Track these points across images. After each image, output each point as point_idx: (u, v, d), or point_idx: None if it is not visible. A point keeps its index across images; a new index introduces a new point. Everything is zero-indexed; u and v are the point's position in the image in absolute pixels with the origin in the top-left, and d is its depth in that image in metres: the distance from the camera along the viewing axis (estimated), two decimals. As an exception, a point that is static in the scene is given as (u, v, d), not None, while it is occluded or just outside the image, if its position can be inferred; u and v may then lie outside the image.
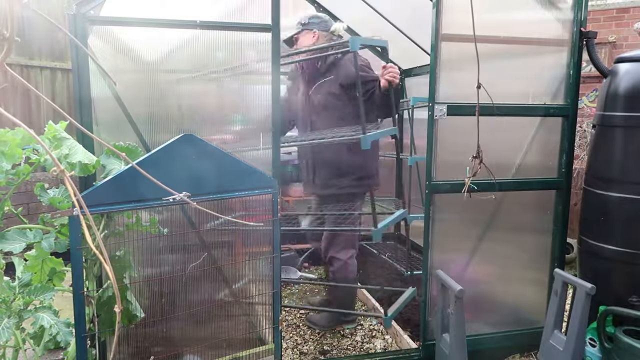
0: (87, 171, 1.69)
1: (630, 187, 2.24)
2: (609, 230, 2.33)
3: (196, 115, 2.17)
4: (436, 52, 2.30)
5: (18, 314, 1.64)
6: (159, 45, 2.08)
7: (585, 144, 4.69)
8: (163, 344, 1.93)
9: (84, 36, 1.87)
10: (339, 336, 2.93)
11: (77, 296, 1.62)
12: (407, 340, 2.69)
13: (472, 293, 2.57)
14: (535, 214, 2.62)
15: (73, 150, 1.64)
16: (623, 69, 2.32)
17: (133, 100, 2.06)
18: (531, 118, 2.50)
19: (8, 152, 1.67)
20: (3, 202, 1.73)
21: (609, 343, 2.21)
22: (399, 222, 4.81)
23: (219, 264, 2.05)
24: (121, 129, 2.05)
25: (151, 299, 1.92)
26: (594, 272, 2.40)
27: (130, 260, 1.78)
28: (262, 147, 2.19)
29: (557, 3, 2.45)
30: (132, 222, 1.78)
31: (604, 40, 5.41)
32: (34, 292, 1.68)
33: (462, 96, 2.34)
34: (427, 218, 2.42)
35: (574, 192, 3.38)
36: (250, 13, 2.11)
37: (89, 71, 1.90)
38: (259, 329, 2.15)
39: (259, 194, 1.99)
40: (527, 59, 2.53)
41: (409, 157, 3.64)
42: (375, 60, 4.55)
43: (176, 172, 1.76)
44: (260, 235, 2.09)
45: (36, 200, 3.50)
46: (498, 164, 2.48)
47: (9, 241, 1.68)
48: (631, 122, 2.24)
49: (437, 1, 2.24)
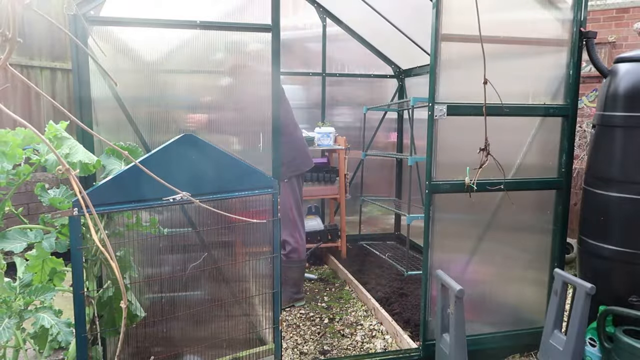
0: (88, 171, 1.69)
1: (630, 187, 2.24)
2: (608, 230, 2.33)
3: (197, 115, 2.17)
4: (436, 52, 2.30)
5: (19, 314, 1.65)
6: (159, 45, 2.09)
7: (585, 144, 4.69)
8: (163, 344, 1.93)
9: (84, 36, 1.87)
10: (339, 336, 2.93)
11: (77, 296, 1.62)
12: (407, 340, 2.69)
13: (472, 293, 2.57)
14: (535, 214, 2.62)
15: (74, 149, 1.65)
16: (623, 69, 2.32)
17: (133, 100, 2.06)
18: (531, 118, 2.50)
19: (9, 153, 1.67)
20: (4, 202, 1.73)
21: (609, 343, 2.21)
22: (399, 222, 4.83)
23: (219, 264, 2.06)
24: (121, 129, 2.06)
25: (151, 299, 1.92)
26: (594, 272, 2.40)
27: (130, 261, 1.78)
28: (262, 147, 2.19)
29: (557, 3, 2.45)
30: (133, 223, 1.78)
31: (603, 40, 5.41)
32: (35, 292, 1.68)
33: (462, 96, 2.34)
34: (427, 218, 2.43)
35: (574, 192, 3.38)
36: (250, 13, 2.11)
37: (89, 71, 1.90)
38: (259, 329, 2.16)
39: (259, 194, 1.99)
40: (527, 59, 2.53)
41: (409, 157, 3.64)
42: (374, 60, 4.58)
43: (176, 172, 1.76)
44: (260, 235, 2.09)
45: (36, 201, 3.50)
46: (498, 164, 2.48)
47: (9, 241, 1.68)
48: (631, 122, 2.24)
49: (437, 1, 2.24)
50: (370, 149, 4.60)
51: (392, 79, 4.68)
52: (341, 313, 3.25)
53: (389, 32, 4.01)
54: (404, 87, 4.65)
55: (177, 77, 2.18)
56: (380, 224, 5.00)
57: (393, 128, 4.77)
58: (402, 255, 4.08)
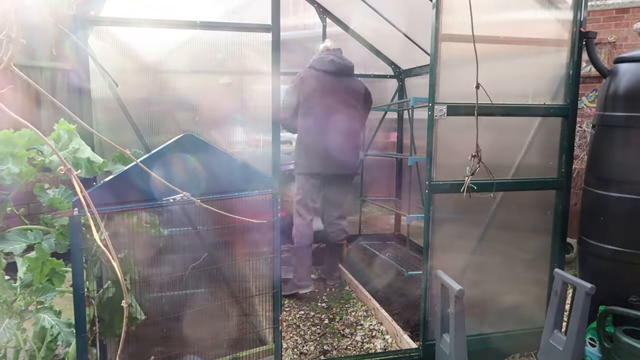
0: (93, 171, 1.69)
1: (630, 187, 2.25)
2: (609, 230, 2.33)
3: (197, 115, 2.17)
4: (436, 52, 2.30)
5: (19, 315, 1.64)
6: (159, 45, 2.09)
7: (585, 144, 4.69)
8: (163, 344, 1.93)
9: (84, 36, 1.87)
10: (339, 336, 2.93)
11: (78, 296, 1.62)
12: (407, 340, 2.69)
13: (472, 293, 2.57)
14: (535, 214, 2.62)
15: (83, 146, 1.65)
16: (623, 69, 2.32)
17: (133, 100, 2.06)
18: (531, 118, 2.50)
19: (17, 154, 1.66)
20: (5, 202, 1.73)
21: (608, 343, 2.21)
22: (399, 222, 4.83)
23: (219, 264, 2.06)
24: (121, 129, 2.06)
25: (151, 299, 1.92)
26: (594, 272, 2.40)
27: (130, 262, 1.78)
28: (262, 147, 2.19)
29: (557, 3, 2.45)
30: (133, 223, 1.78)
31: (603, 40, 5.41)
32: (35, 293, 1.68)
33: (462, 96, 2.34)
34: (427, 218, 2.43)
35: (574, 192, 3.38)
36: (250, 13, 2.11)
37: (89, 71, 1.90)
38: (259, 329, 2.16)
39: (259, 194, 1.99)
40: (527, 59, 2.53)
41: (409, 157, 3.64)
42: (374, 60, 4.58)
43: (176, 172, 1.76)
44: (260, 235, 2.09)
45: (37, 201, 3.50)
46: (498, 164, 2.48)
47: (9, 242, 1.68)
48: (631, 122, 2.24)
49: (437, 1, 2.24)
50: (371, 149, 4.60)
51: (392, 79, 4.68)
52: (341, 313, 3.25)
53: (389, 32, 4.01)
54: (404, 87, 4.65)
55: (177, 77, 2.18)
56: (380, 224, 5.00)
57: (393, 128, 4.77)
58: (402, 255, 4.08)
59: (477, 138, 2.10)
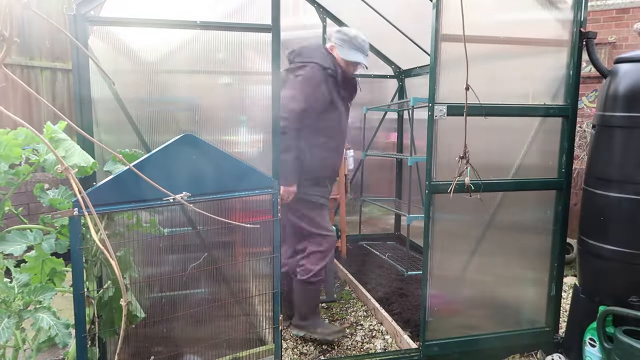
0: (85, 173, 1.69)
1: (630, 187, 2.24)
2: (608, 230, 2.33)
3: (197, 115, 2.18)
4: (436, 52, 2.30)
5: (18, 314, 1.64)
6: (159, 45, 2.09)
7: (585, 144, 4.70)
8: (163, 344, 1.93)
9: (84, 36, 1.87)
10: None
11: (77, 296, 1.62)
12: (407, 340, 2.69)
13: (473, 293, 2.57)
14: (535, 214, 2.61)
15: (70, 152, 1.64)
16: (623, 70, 2.32)
17: (133, 100, 2.06)
18: (531, 118, 2.50)
19: (4, 153, 1.66)
20: (3, 202, 1.73)
21: (609, 343, 2.21)
22: (399, 222, 4.83)
23: (219, 264, 2.06)
24: (121, 129, 2.06)
25: (151, 299, 1.92)
26: (594, 272, 2.40)
27: (130, 261, 1.78)
28: (262, 147, 2.19)
29: (557, 3, 2.45)
30: (133, 223, 1.78)
31: (603, 40, 5.41)
32: (34, 292, 1.68)
33: (462, 96, 2.33)
34: (427, 218, 2.42)
35: (574, 192, 3.38)
36: (250, 13, 2.11)
37: (90, 71, 1.90)
38: (259, 329, 2.16)
39: (259, 194, 1.99)
40: (527, 59, 2.53)
41: (409, 157, 3.64)
42: (374, 60, 4.58)
43: (176, 173, 1.76)
44: (260, 236, 2.09)
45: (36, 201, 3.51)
46: (498, 164, 2.48)
47: (9, 243, 1.67)
48: (631, 123, 2.24)
49: (437, 1, 2.24)
50: (371, 149, 4.60)
51: (392, 79, 4.68)
52: (341, 313, 3.25)
53: (389, 32, 4.01)
54: (404, 88, 4.65)
55: (177, 77, 2.18)
56: (380, 224, 5.00)
57: (393, 128, 4.77)
58: (402, 255, 4.08)
59: (465, 139, 2.09)
